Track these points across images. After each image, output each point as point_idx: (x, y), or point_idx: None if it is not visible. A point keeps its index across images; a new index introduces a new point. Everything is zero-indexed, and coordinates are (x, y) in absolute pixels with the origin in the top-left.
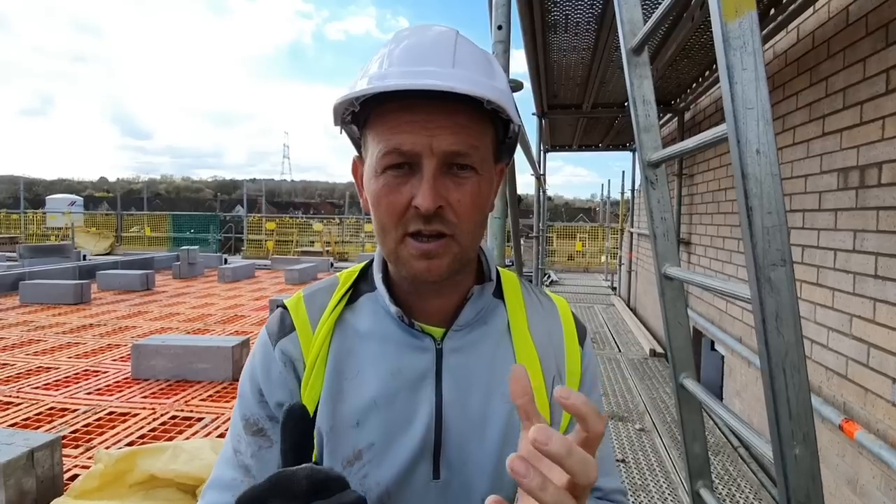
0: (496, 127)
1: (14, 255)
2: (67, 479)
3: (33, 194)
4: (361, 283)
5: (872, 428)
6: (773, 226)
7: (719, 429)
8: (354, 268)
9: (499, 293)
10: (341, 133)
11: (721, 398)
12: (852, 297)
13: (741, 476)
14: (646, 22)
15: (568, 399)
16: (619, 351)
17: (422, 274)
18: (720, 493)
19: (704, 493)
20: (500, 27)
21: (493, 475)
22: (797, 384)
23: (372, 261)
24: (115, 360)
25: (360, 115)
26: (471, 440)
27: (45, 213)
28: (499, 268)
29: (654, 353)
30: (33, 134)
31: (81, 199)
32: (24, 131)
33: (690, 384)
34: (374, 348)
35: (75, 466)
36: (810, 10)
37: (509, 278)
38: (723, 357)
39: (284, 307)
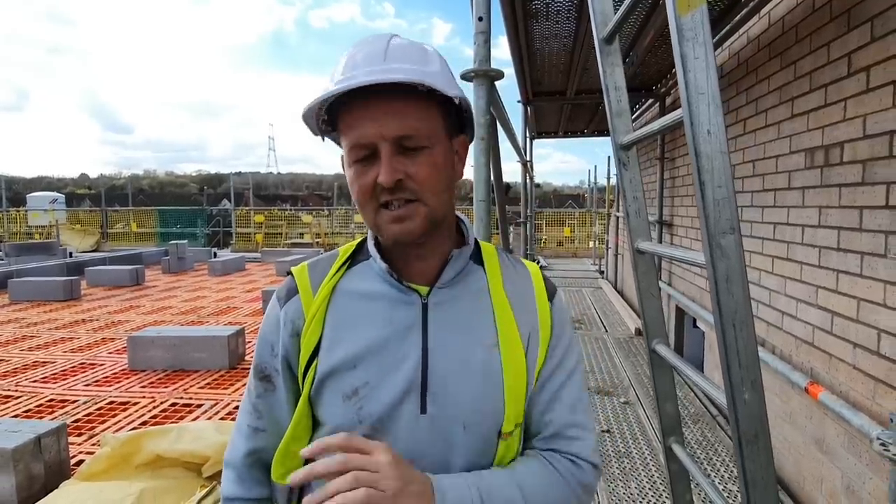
0: (442, 104)
1: (0, 253)
2: (74, 465)
3: (13, 192)
4: (358, 255)
5: (836, 390)
6: (723, 198)
7: (699, 398)
8: (352, 242)
9: (479, 260)
10: (323, 141)
11: (702, 372)
12: (818, 270)
13: (718, 441)
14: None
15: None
16: (606, 331)
17: (398, 235)
18: (699, 457)
19: (676, 448)
20: (480, 18)
21: (472, 410)
22: (745, 337)
23: (367, 237)
24: (110, 353)
25: (330, 121)
26: (453, 380)
27: (27, 212)
28: (479, 240)
29: (639, 332)
30: (9, 130)
31: (63, 196)
32: (0, 127)
33: (662, 349)
34: (369, 305)
35: (80, 453)
36: None
37: (487, 248)
38: (703, 333)
39: (292, 274)
